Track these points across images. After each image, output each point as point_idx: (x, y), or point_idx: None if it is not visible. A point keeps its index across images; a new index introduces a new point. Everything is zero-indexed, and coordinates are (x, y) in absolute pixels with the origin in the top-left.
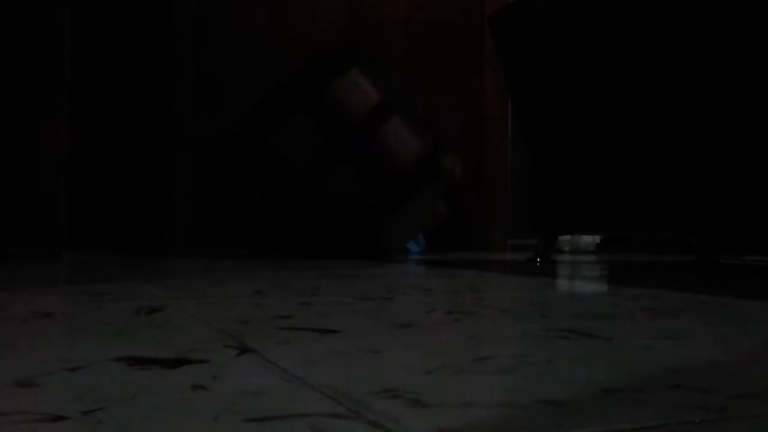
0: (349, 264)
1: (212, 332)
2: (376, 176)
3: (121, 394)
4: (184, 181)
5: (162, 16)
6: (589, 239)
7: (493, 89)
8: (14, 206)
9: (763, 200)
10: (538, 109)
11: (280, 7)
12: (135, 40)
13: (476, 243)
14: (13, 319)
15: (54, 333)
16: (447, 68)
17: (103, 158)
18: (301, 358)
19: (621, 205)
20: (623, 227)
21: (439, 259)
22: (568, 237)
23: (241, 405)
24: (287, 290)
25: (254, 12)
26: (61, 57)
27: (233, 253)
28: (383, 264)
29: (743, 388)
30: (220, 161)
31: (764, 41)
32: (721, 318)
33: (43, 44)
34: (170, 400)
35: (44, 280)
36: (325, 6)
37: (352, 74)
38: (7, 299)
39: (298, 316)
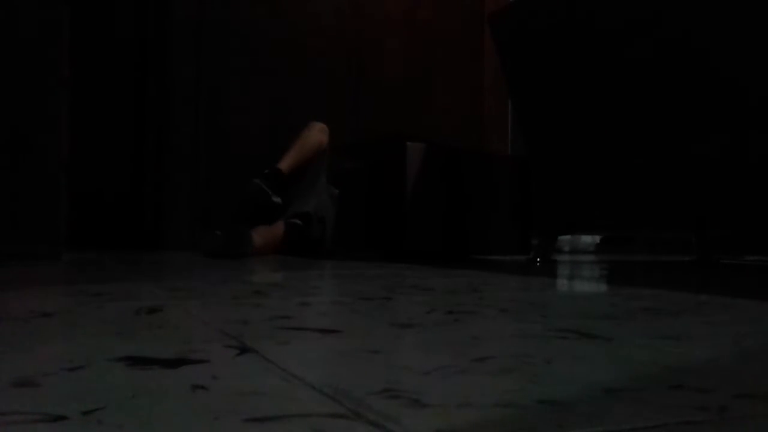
0: (346, 264)
1: (212, 332)
2: None
3: (121, 394)
4: (184, 181)
5: (162, 17)
6: (589, 239)
7: (492, 89)
8: (14, 206)
9: (764, 200)
10: (538, 109)
11: (280, 8)
12: (136, 41)
13: None
14: (13, 319)
15: (54, 333)
16: (447, 68)
17: (103, 158)
18: (301, 358)
19: (621, 204)
20: (623, 226)
21: (439, 259)
22: (568, 237)
23: (241, 405)
24: (287, 290)
25: (254, 13)
26: (61, 56)
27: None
28: (382, 264)
29: (743, 388)
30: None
31: (764, 40)
32: (721, 318)
33: (43, 44)
34: (170, 400)
35: (44, 280)
36: (326, 8)
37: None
38: (7, 299)
39: (298, 316)
